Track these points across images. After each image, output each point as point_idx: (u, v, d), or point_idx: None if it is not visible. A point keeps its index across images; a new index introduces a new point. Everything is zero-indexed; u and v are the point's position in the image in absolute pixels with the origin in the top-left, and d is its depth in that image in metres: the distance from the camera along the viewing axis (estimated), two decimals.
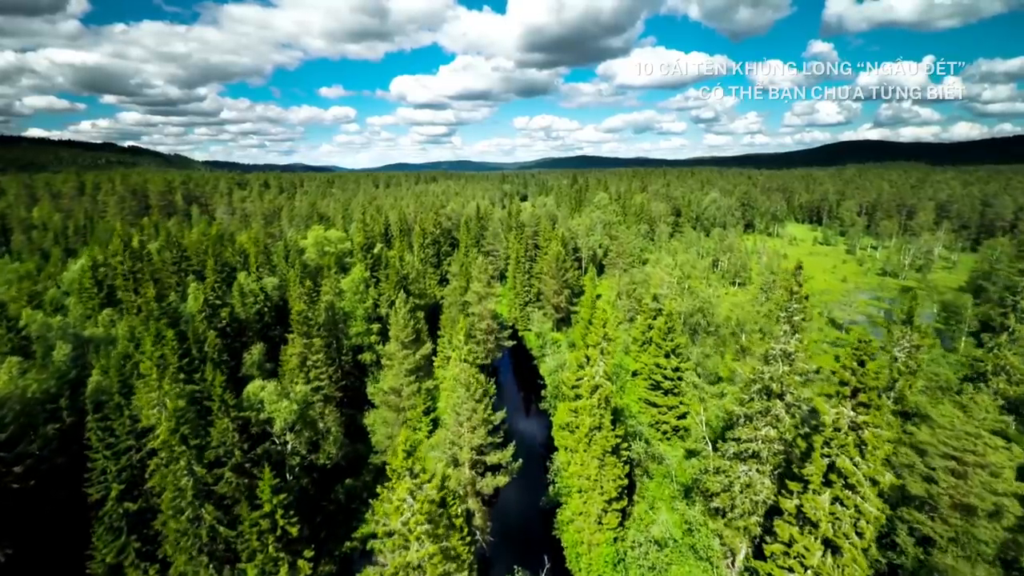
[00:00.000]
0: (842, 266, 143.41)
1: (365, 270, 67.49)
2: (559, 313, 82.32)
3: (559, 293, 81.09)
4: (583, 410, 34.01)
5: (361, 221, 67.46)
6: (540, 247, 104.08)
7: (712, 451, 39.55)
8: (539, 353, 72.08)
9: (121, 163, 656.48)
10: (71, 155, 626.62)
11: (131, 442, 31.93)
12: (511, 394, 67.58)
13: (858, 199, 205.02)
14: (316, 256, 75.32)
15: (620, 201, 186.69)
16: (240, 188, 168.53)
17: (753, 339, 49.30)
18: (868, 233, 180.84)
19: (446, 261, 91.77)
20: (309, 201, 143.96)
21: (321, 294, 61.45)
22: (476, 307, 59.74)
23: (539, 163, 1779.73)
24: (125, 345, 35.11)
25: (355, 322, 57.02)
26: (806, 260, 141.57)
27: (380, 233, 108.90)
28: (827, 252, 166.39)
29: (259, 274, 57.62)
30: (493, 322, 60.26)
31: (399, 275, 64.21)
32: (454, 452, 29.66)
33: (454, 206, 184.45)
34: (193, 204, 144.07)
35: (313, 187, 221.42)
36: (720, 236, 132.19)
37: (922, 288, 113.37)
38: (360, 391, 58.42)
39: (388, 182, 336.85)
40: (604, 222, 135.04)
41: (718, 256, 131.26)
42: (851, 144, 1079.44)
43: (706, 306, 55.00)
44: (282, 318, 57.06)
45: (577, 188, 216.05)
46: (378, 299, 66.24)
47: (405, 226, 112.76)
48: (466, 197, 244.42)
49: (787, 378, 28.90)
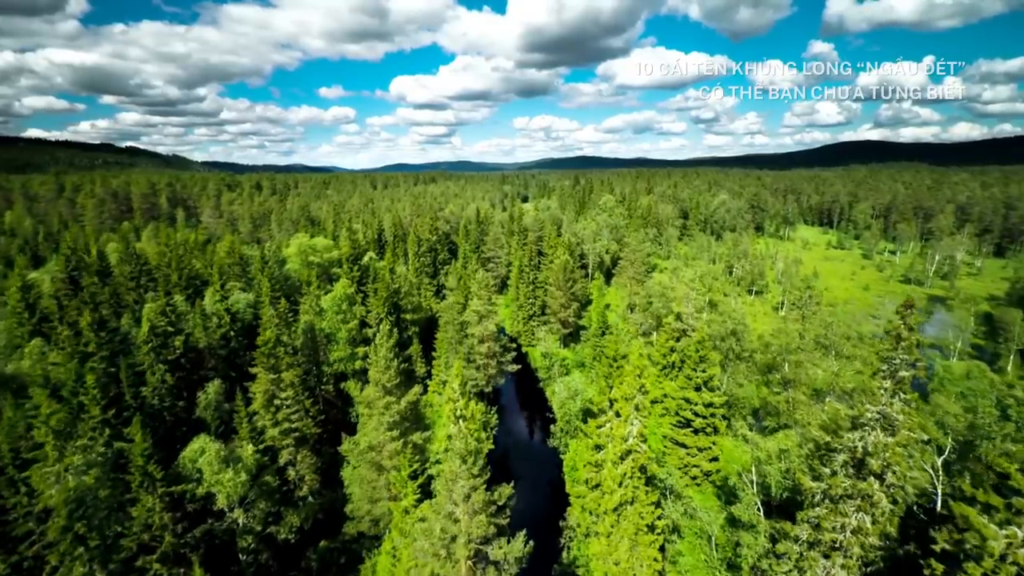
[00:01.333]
0: (861, 272, 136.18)
1: (351, 284, 60.31)
2: (566, 328, 75.22)
3: (566, 307, 73.98)
4: (611, 478, 26.85)
5: (348, 229, 60.30)
6: (545, 254, 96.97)
7: (762, 515, 32.41)
8: (546, 374, 64.93)
9: (118, 164, 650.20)
10: (68, 156, 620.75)
11: (31, 526, 24.69)
12: (514, 422, 60.39)
13: (871, 201, 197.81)
14: (300, 267, 68.17)
15: (626, 203, 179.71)
16: (230, 190, 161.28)
17: (802, 372, 42.16)
18: (884, 237, 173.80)
19: (443, 271, 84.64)
20: (300, 204, 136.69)
21: (300, 313, 54.33)
22: (476, 328, 52.61)
23: (539, 163, 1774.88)
24: (39, 394, 27.92)
25: (337, 346, 49.85)
26: (821, 266, 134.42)
27: (373, 239, 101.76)
28: (842, 257, 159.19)
29: (226, 292, 50.17)
30: (495, 344, 53.13)
31: (389, 290, 57.06)
32: (446, 543, 22.50)
33: (453, 208, 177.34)
34: (179, 207, 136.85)
35: (307, 188, 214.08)
36: (734, 241, 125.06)
37: (953, 298, 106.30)
38: (345, 423, 51.28)
39: (386, 183, 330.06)
40: (611, 226, 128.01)
41: (731, 262, 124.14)
42: (852, 144, 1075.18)
43: (739, 328, 47.84)
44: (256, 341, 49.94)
45: (580, 190, 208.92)
46: (366, 316, 59.08)
47: (400, 231, 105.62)
48: (466, 199, 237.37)
49: (889, 452, 21.73)
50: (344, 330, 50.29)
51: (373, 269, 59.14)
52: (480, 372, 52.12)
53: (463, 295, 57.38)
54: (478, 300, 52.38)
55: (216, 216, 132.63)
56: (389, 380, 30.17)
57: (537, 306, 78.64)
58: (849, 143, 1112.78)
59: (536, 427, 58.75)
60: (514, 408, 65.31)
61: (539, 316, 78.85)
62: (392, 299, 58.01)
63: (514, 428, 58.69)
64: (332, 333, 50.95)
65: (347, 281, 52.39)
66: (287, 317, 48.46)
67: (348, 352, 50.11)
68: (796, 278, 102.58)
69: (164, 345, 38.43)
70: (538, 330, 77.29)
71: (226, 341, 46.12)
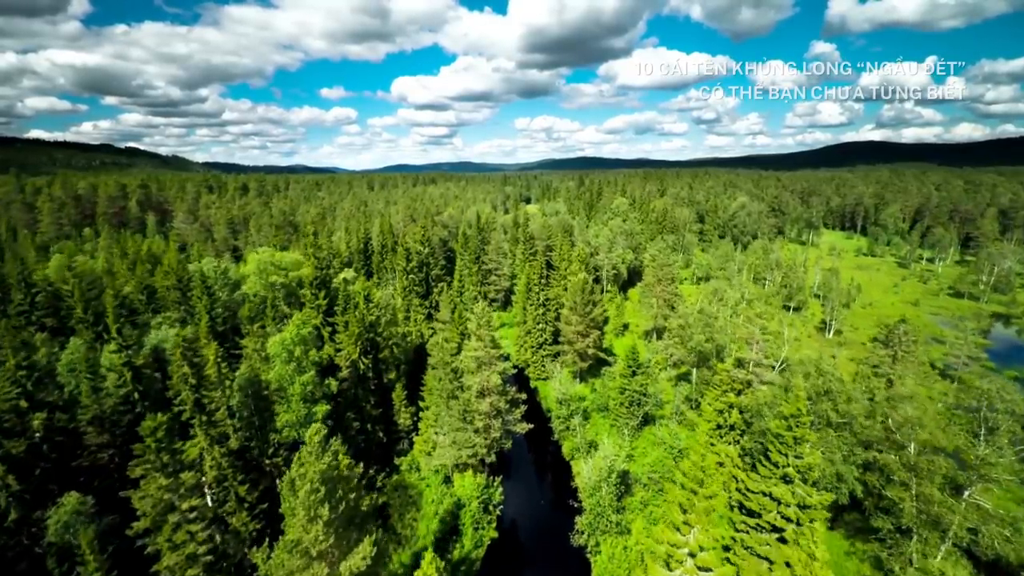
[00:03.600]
0: (903, 284, 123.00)
1: (317, 314, 47.60)
2: (584, 361, 62.43)
3: (584, 335, 61.19)
4: None
5: (312, 245, 47.56)
6: (555, 267, 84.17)
7: None
8: (561, 425, 52.13)
9: (116, 164, 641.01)
10: (66, 156, 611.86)
11: None
12: (520, 490, 47.40)
13: (900, 203, 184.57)
14: (260, 288, 55.55)
15: (637, 206, 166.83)
16: (210, 192, 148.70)
17: (938, 460, 29.30)
18: (922, 244, 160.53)
19: (436, 288, 71.89)
20: (280, 208, 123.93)
21: (244, 357, 41.65)
22: (474, 377, 39.94)
23: (540, 164, 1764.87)
24: None
25: (287, 407, 37.14)
26: (857, 276, 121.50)
27: (358, 250, 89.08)
28: (876, 265, 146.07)
29: (123, 341, 36.67)
30: (500, 399, 40.37)
31: (364, 323, 44.38)
32: None
33: (452, 212, 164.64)
34: (149, 212, 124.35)
35: (298, 190, 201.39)
36: (764, 249, 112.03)
37: (1021, 316, 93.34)
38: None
39: (384, 184, 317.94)
40: (625, 232, 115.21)
41: (761, 272, 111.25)
42: (854, 145, 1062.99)
43: (834, 385, 34.97)
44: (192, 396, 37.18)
45: (588, 192, 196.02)
46: (334, 356, 46.40)
47: (391, 240, 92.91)
48: (466, 201, 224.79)
49: None
50: (298, 383, 37.59)
51: (343, 295, 46.41)
52: (479, 436, 39.37)
53: (458, 330, 44.65)
54: (477, 341, 39.68)
55: (190, 221, 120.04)
56: (320, 543, 17.18)
57: (548, 333, 65.84)
58: (851, 144, 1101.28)
59: (549, 498, 45.85)
60: (521, 463, 52.44)
61: (550, 345, 66.09)
62: (368, 334, 45.31)
63: (520, 499, 45.74)
64: (285, 385, 38.28)
65: (309, 314, 39.68)
66: (221, 368, 35.84)
67: (303, 413, 37.42)
68: (841, 292, 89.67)
69: (11, 430, 25.71)
70: (550, 362, 64.59)
71: (128, 405, 33.44)
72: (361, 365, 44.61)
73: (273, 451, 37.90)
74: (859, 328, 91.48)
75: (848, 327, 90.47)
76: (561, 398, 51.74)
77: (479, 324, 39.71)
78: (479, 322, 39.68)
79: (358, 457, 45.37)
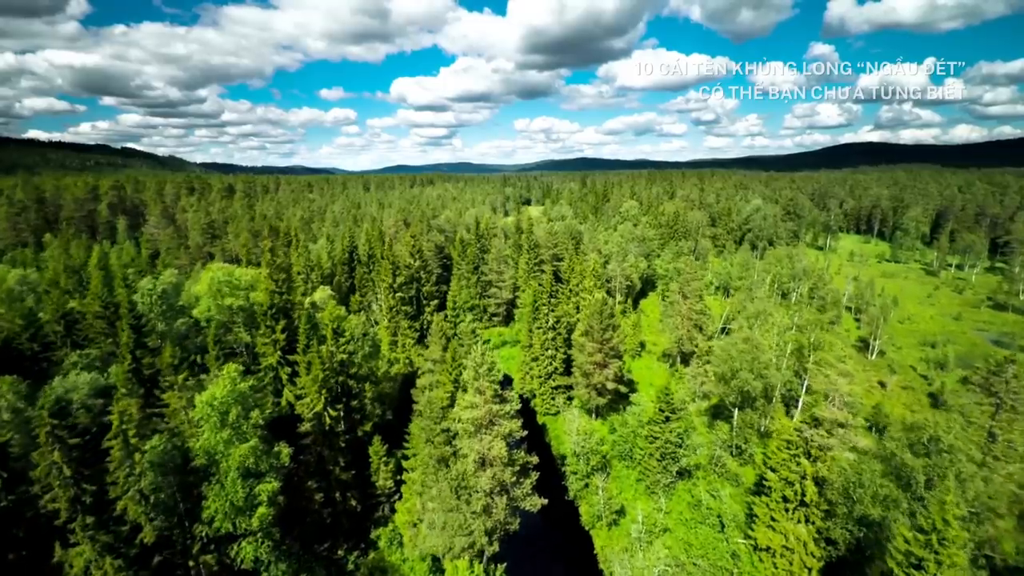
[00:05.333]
0: (936, 294, 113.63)
1: (274, 351, 38.09)
2: (602, 396, 52.89)
3: (602, 365, 51.66)
4: None
5: (269, 264, 37.96)
6: (565, 280, 74.75)
7: None
8: (578, 484, 42.53)
9: (110, 165, 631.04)
10: (60, 157, 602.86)
11: None
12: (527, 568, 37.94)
13: (922, 206, 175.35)
14: (213, 310, 45.94)
15: (646, 208, 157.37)
16: (191, 193, 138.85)
17: None
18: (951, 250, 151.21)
19: (428, 307, 62.30)
20: (261, 211, 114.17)
21: (166, 419, 32.08)
22: (472, 442, 30.45)
23: (539, 165, 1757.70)
24: None
25: (218, 493, 27.49)
26: (887, 286, 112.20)
27: (341, 261, 79.48)
28: (902, 272, 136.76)
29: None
30: (506, 471, 30.78)
31: (332, 363, 34.82)
32: None
33: (449, 214, 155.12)
34: (120, 216, 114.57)
35: (287, 191, 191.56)
36: (790, 256, 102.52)
37: None
38: None
39: (380, 185, 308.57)
40: (637, 238, 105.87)
41: (785, 282, 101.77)
42: (853, 146, 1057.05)
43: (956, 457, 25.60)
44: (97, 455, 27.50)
45: (593, 194, 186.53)
46: (295, 404, 36.99)
47: (381, 248, 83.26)
48: (464, 203, 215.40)
49: None
50: (235, 455, 28.01)
51: (306, 328, 36.80)
52: (477, 520, 29.81)
53: (451, 376, 35.10)
54: (476, 396, 30.18)
55: (164, 226, 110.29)
56: None
57: (559, 361, 56.29)
58: (850, 145, 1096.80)
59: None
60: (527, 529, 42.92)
61: (561, 375, 56.54)
62: (338, 377, 35.76)
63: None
64: (220, 454, 28.66)
65: (236, 369, 30.05)
66: (128, 437, 26.32)
67: (240, 495, 27.79)
68: (878, 306, 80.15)
69: None
70: (562, 399, 55.12)
71: None
72: (327, 418, 35.04)
73: (201, 548, 28.32)
74: (902, 347, 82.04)
75: (889, 345, 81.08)
76: (578, 450, 42.18)
77: (478, 373, 30.14)
78: (478, 371, 30.11)
79: (323, 535, 35.77)
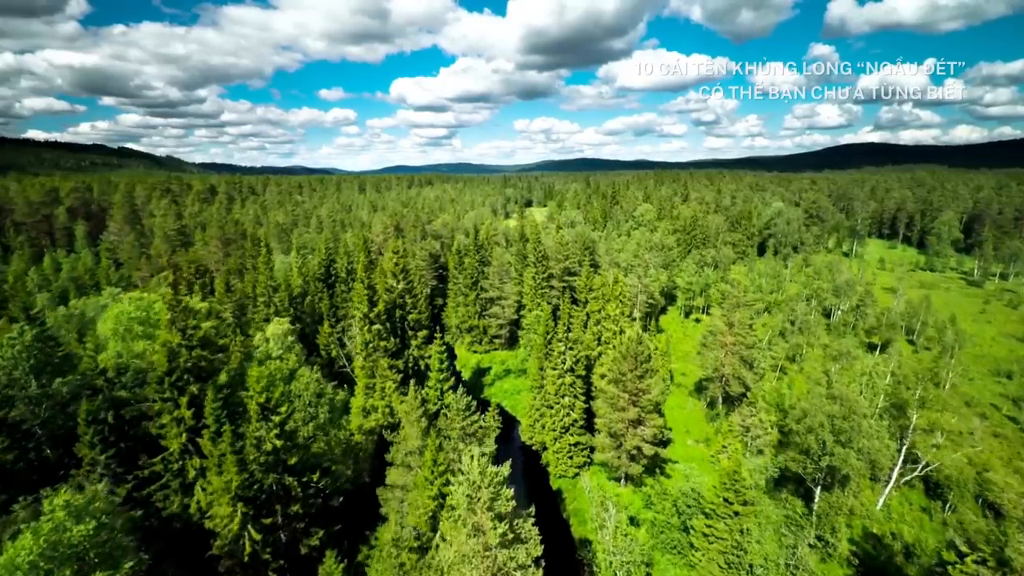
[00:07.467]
0: (988, 308, 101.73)
1: (179, 432, 26.38)
2: (635, 462, 40.96)
3: (638, 422, 39.86)
4: None
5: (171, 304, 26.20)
6: (582, 302, 63.05)
7: None
8: None
9: (106, 165, 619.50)
10: (55, 157, 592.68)
11: None
12: None
13: (954, 209, 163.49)
14: (126, 357, 34.04)
15: (659, 213, 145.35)
16: (163, 195, 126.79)
17: None
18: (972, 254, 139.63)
19: (414, 339, 50.36)
20: (233, 217, 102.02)
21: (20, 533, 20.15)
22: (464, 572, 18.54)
23: (539, 165, 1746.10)
24: None
25: None
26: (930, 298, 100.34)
27: (316, 276, 67.57)
28: (943, 283, 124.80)
29: None
30: None
31: (251, 462, 22.94)
32: None
33: (447, 218, 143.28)
34: (79, 221, 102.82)
35: (275, 193, 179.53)
36: (830, 267, 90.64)
37: None
38: None
39: (377, 185, 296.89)
40: (654, 246, 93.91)
41: (824, 296, 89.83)
42: (853, 147, 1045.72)
43: None
44: None
45: (601, 196, 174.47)
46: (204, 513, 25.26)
47: (364, 258, 71.28)
48: (463, 204, 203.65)
49: None
50: None
51: (216, 402, 25.02)
52: None
53: (436, 486, 23.15)
54: (472, 536, 18.30)
55: (126, 233, 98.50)
56: None
57: (578, 411, 44.39)
58: (850, 145, 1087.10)
59: None
60: None
61: (580, 430, 44.62)
62: (266, 478, 23.89)
63: None
64: None
65: (65, 499, 18.18)
66: None
67: None
68: (952, 332, 68.29)
69: None
70: (577, 455, 43.22)
71: None
72: (247, 543, 23.23)
73: None
74: (973, 377, 70.15)
75: (960, 376, 69.14)
76: (614, 561, 30.26)
77: (476, 485, 18.24)
78: (473, 496, 18.22)
79: None
